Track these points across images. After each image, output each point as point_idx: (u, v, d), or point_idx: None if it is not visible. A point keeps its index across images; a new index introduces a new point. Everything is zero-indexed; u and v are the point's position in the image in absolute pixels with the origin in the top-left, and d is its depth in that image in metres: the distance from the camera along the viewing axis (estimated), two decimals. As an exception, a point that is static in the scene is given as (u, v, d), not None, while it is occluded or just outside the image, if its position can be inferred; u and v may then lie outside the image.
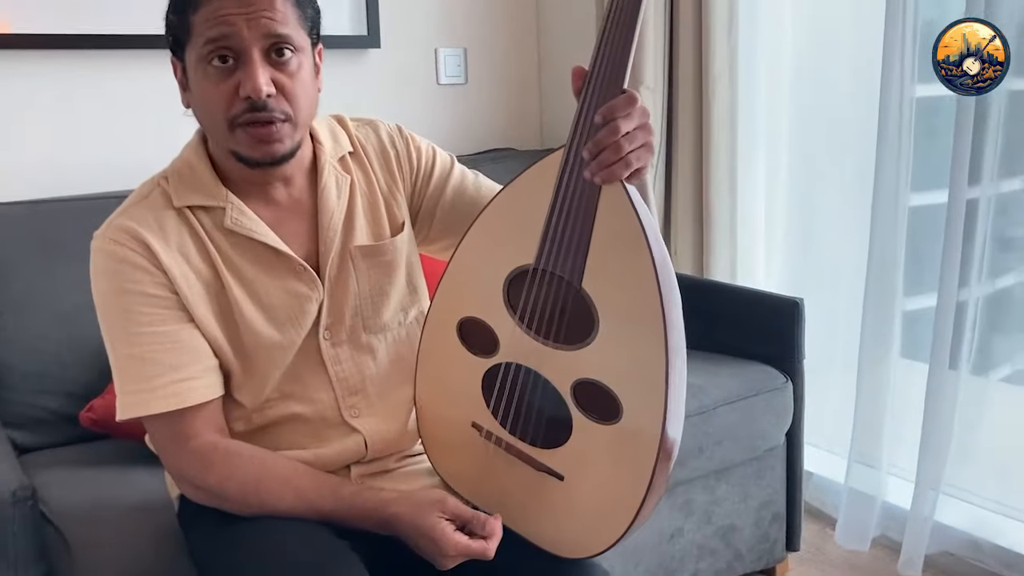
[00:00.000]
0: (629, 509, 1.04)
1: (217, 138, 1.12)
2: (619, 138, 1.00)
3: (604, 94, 1.01)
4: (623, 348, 1.02)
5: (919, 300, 2.02)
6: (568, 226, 1.03)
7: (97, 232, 1.13)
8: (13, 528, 1.16)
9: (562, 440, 1.08)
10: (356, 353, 1.21)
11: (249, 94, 1.06)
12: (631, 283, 1.00)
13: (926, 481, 1.91)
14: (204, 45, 1.06)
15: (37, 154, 1.91)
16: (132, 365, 1.10)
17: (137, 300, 1.10)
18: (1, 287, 1.66)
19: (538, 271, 1.06)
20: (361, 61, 2.28)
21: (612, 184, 1.01)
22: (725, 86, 2.15)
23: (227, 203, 1.14)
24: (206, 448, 1.12)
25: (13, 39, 1.84)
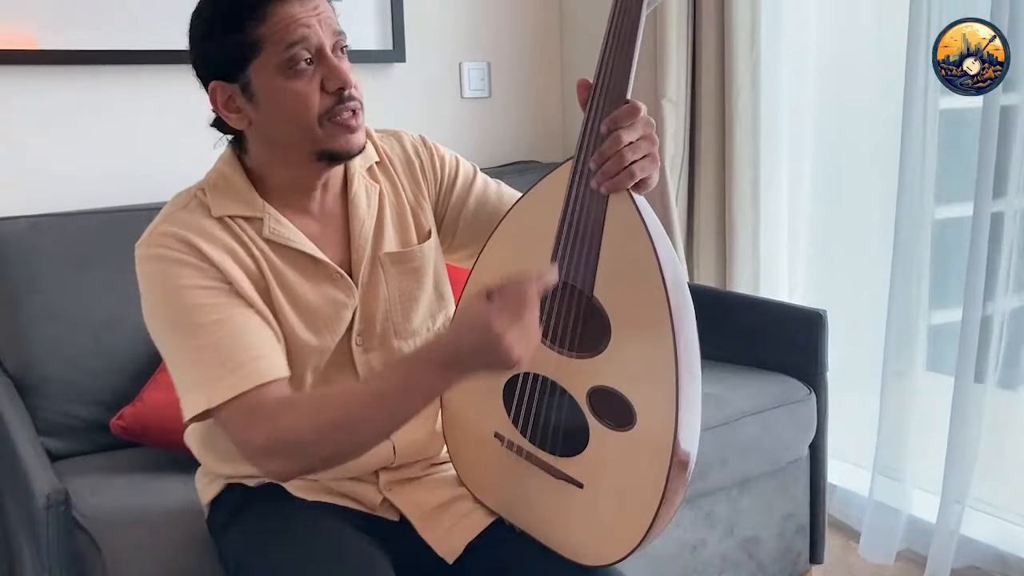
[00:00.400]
0: (646, 515, 1.05)
1: (301, 144, 1.12)
2: (623, 148, 1.02)
3: (608, 105, 1.03)
4: (634, 354, 1.03)
5: (945, 313, 2.01)
6: (578, 236, 1.05)
7: (139, 241, 1.14)
8: (47, 532, 1.18)
9: (580, 448, 1.09)
10: (387, 359, 1.23)
11: (341, 85, 1.09)
12: (640, 291, 1.02)
13: (952, 494, 1.89)
14: (285, 51, 1.07)
15: (64, 167, 1.95)
16: (204, 356, 1.07)
17: (194, 294, 1.09)
18: (34, 298, 1.69)
19: None
20: (386, 75, 2.31)
21: (619, 194, 1.03)
22: (747, 99, 2.15)
23: (264, 213, 1.16)
24: (267, 407, 1.06)
25: (40, 55, 1.88)
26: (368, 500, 1.23)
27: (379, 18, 2.26)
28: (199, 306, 1.09)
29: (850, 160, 2.22)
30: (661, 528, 1.07)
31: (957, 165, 1.95)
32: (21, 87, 1.88)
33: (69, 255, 1.73)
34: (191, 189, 1.19)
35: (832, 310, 1.90)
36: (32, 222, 1.74)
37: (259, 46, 1.07)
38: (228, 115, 1.13)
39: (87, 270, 1.74)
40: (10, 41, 1.85)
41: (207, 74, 1.12)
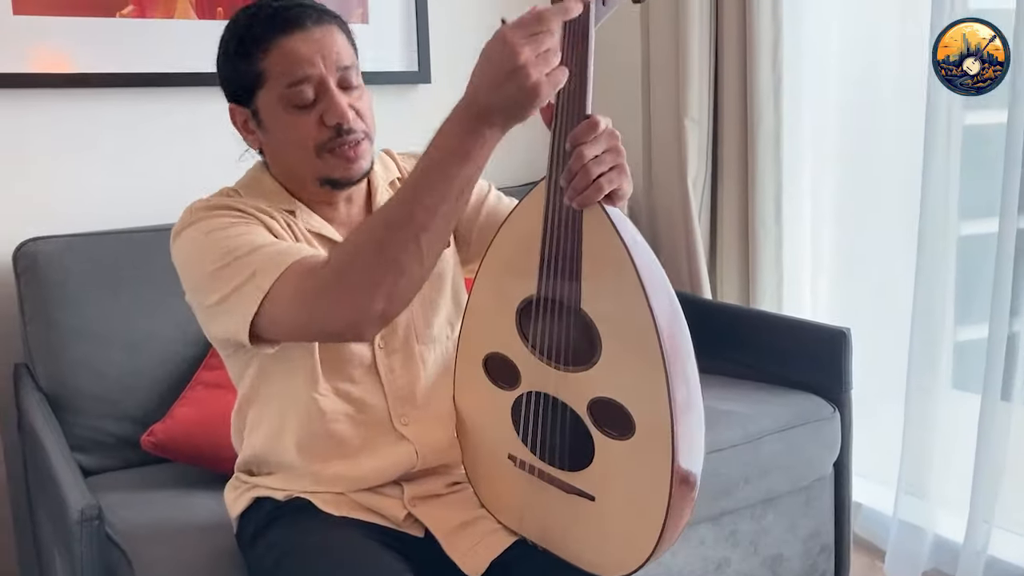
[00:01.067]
0: (655, 524, 1.06)
1: (303, 169, 1.18)
2: (587, 163, 1.03)
3: (571, 123, 1.05)
4: (625, 362, 1.06)
5: (970, 330, 2.00)
6: (559, 252, 1.07)
7: (176, 227, 1.18)
8: (81, 547, 1.20)
9: (588, 461, 1.11)
10: (408, 362, 1.26)
11: (338, 121, 1.13)
12: (621, 298, 1.04)
13: (979, 513, 1.88)
14: (287, 87, 1.12)
15: (97, 188, 1.99)
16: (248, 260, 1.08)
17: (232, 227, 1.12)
18: (67, 316, 1.73)
19: (541, 299, 1.10)
20: (411, 96, 2.34)
21: (592, 208, 1.05)
22: (770, 117, 2.16)
23: (296, 207, 1.21)
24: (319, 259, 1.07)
25: (78, 78, 1.93)
26: (393, 515, 1.24)
27: (404, 40, 2.29)
28: (239, 234, 1.12)
29: (873, 177, 2.22)
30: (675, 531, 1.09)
31: (981, 181, 1.94)
32: (54, 110, 1.93)
33: (102, 274, 1.77)
34: (223, 189, 1.25)
35: (856, 327, 1.90)
36: (66, 242, 1.78)
37: (263, 78, 1.13)
38: (245, 135, 1.21)
39: (119, 289, 1.77)
40: (44, 65, 1.90)
41: (226, 95, 1.20)
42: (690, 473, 1.07)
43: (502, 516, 1.24)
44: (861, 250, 2.27)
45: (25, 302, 1.75)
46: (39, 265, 1.74)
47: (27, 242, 1.77)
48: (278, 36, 1.12)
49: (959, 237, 1.92)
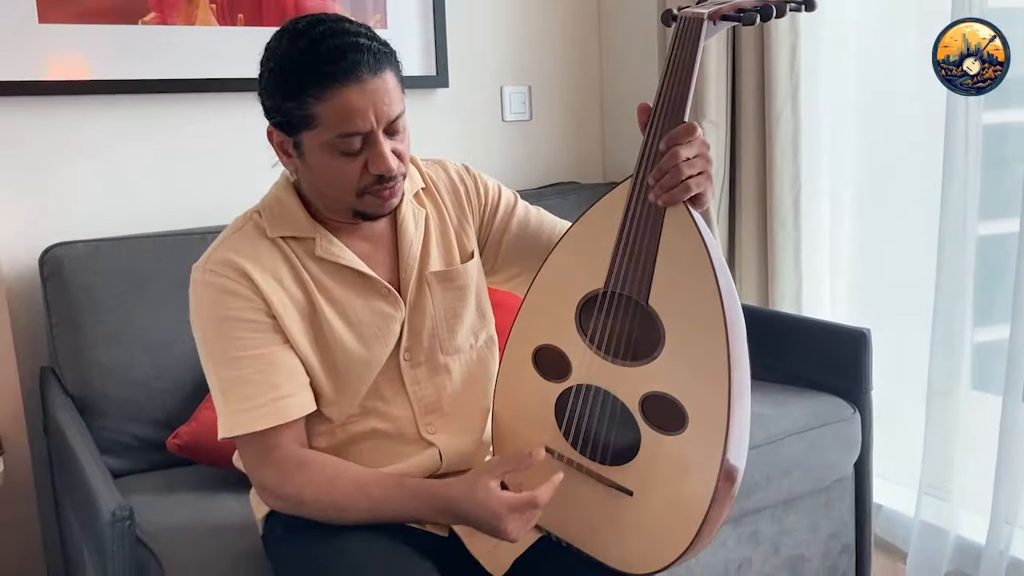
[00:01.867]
0: (695, 520, 1.08)
1: (339, 201, 1.19)
2: (680, 163, 1.09)
3: (667, 125, 1.10)
4: (687, 358, 1.08)
5: (991, 331, 1.99)
6: (635, 247, 1.12)
7: (196, 264, 1.20)
8: (112, 547, 1.22)
9: (631, 456, 1.13)
10: (433, 373, 1.28)
11: (382, 172, 1.14)
12: (695, 296, 1.07)
13: (1001, 515, 1.87)
14: (336, 137, 1.11)
15: (125, 193, 2.01)
16: (234, 387, 1.17)
17: (236, 326, 1.16)
18: (93, 319, 1.75)
19: (607, 294, 1.14)
20: (430, 100, 2.35)
21: (676, 207, 1.10)
22: (788, 118, 2.16)
23: (316, 234, 1.21)
24: (285, 459, 1.18)
25: (92, 85, 1.95)
26: (417, 516, 1.26)
27: (423, 45, 2.31)
28: (238, 339, 1.16)
29: (892, 178, 2.22)
30: (711, 532, 1.10)
31: (1001, 180, 1.94)
32: (78, 117, 1.95)
33: (127, 278, 1.79)
34: (248, 212, 1.25)
35: (875, 328, 1.90)
36: (91, 246, 1.80)
37: (313, 122, 1.11)
38: (281, 155, 1.20)
39: (144, 293, 1.79)
40: (69, 72, 1.92)
41: (266, 116, 1.18)
42: (735, 468, 1.09)
43: None
44: (880, 251, 2.27)
45: (51, 306, 1.77)
46: (65, 270, 1.76)
47: (53, 247, 1.79)
48: (334, 86, 1.08)
49: (978, 237, 1.91)
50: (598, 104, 2.65)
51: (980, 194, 1.89)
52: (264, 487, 1.20)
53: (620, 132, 2.60)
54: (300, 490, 1.17)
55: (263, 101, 1.16)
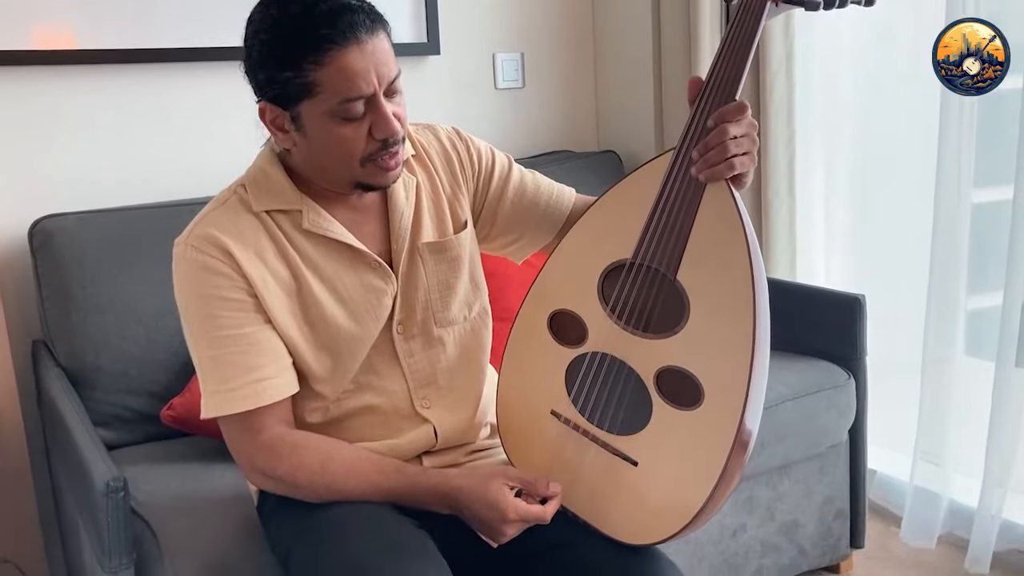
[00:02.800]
0: (700, 496, 1.07)
1: (340, 174, 1.16)
2: (727, 140, 1.08)
3: (717, 102, 1.09)
4: (711, 337, 1.07)
5: (985, 298, 2.00)
6: (670, 220, 1.11)
7: (178, 239, 1.18)
8: (107, 519, 1.22)
9: (640, 426, 1.13)
10: (427, 346, 1.26)
11: (388, 135, 1.12)
12: (727, 276, 1.06)
13: (993, 478, 1.89)
14: (340, 103, 1.08)
15: (115, 164, 1.99)
16: (214, 367, 1.16)
17: (217, 304, 1.15)
18: (84, 292, 1.74)
19: (635, 265, 1.14)
20: (421, 68, 2.33)
21: (717, 184, 1.09)
22: (782, 83, 2.15)
23: (303, 206, 1.19)
24: (275, 440, 1.17)
25: (80, 55, 1.91)
26: (412, 486, 1.25)
27: (414, 12, 2.28)
28: (221, 318, 1.15)
29: (887, 144, 2.21)
30: (714, 509, 1.10)
31: (997, 147, 1.93)
32: (66, 87, 1.93)
33: (117, 250, 1.78)
34: (232, 184, 1.22)
35: (870, 295, 1.90)
36: (80, 218, 1.78)
37: (314, 90, 1.08)
38: (275, 132, 1.15)
39: (135, 264, 1.78)
40: (51, 41, 1.89)
41: (258, 93, 1.13)
42: (751, 434, 1.08)
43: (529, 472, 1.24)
44: (875, 218, 2.27)
45: (42, 279, 1.76)
46: (55, 242, 1.75)
47: (42, 219, 1.77)
48: (332, 49, 1.05)
49: (973, 204, 1.91)
50: (592, 71, 2.62)
51: (975, 161, 1.88)
52: (254, 468, 1.18)
53: (614, 101, 2.58)
54: (293, 472, 1.16)
55: (254, 77, 1.12)
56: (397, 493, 1.16)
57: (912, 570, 2.01)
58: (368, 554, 1.06)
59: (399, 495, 1.16)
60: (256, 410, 1.16)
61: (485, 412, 1.34)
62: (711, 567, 1.78)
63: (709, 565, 1.78)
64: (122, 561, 1.24)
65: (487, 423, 1.35)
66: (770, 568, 1.87)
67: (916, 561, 2.04)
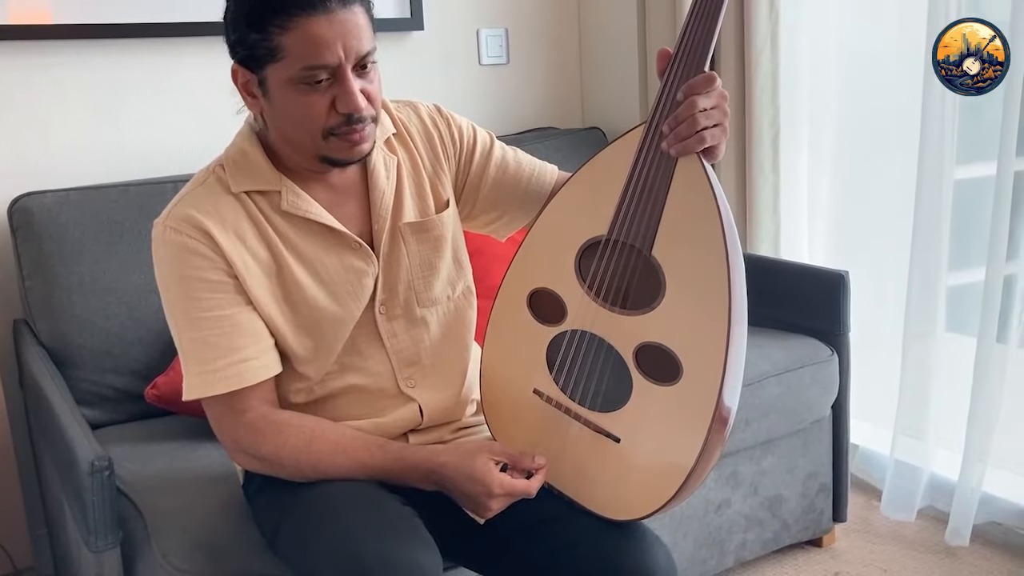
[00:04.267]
0: (681, 471, 1.08)
1: (305, 145, 1.15)
2: (696, 112, 1.06)
3: (686, 74, 1.07)
4: (687, 312, 1.07)
5: (966, 274, 2.01)
6: (643, 196, 1.10)
7: (157, 220, 1.17)
8: (92, 497, 1.21)
9: (621, 403, 1.13)
10: (411, 326, 1.26)
11: (350, 111, 1.10)
12: (700, 250, 1.06)
13: (974, 452, 1.91)
14: (301, 70, 1.07)
15: (96, 141, 1.97)
16: (195, 348, 1.15)
17: (198, 286, 1.14)
18: (66, 270, 1.73)
19: (610, 241, 1.13)
20: (404, 43, 2.31)
21: (689, 158, 1.08)
22: (767, 60, 2.14)
23: (282, 187, 1.18)
24: (258, 420, 1.17)
25: (59, 29, 1.89)
26: (399, 464, 1.25)
27: (397, -14, 2.26)
28: (201, 299, 1.14)
29: (871, 121, 2.21)
30: (696, 484, 1.10)
31: (979, 124, 1.93)
32: (46, 62, 1.90)
33: (98, 228, 1.76)
34: (211, 164, 1.21)
35: (853, 271, 1.91)
36: (61, 196, 1.77)
37: (278, 54, 1.08)
38: (245, 96, 1.16)
39: (117, 243, 1.77)
40: (34, 16, 1.86)
41: (231, 55, 1.14)
42: (729, 411, 1.08)
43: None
44: (858, 194, 2.28)
45: (22, 258, 1.74)
46: (35, 220, 1.73)
47: (21, 197, 1.75)
48: (300, 15, 1.05)
49: (955, 181, 1.92)
50: (576, 47, 2.61)
51: (957, 138, 1.89)
52: (239, 448, 1.18)
53: (599, 77, 2.57)
54: (278, 452, 1.16)
55: (227, 37, 1.13)
56: (382, 470, 1.16)
57: (893, 543, 2.04)
58: (355, 532, 1.06)
59: (384, 472, 1.16)
60: (239, 391, 1.15)
61: (471, 389, 1.34)
62: (695, 541, 1.80)
63: (693, 540, 1.80)
64: (108, 540, 1.24)
65: (473, 400, 1.35)
66: (753, 542, 1.89)
67: (897, 534, 2.07)
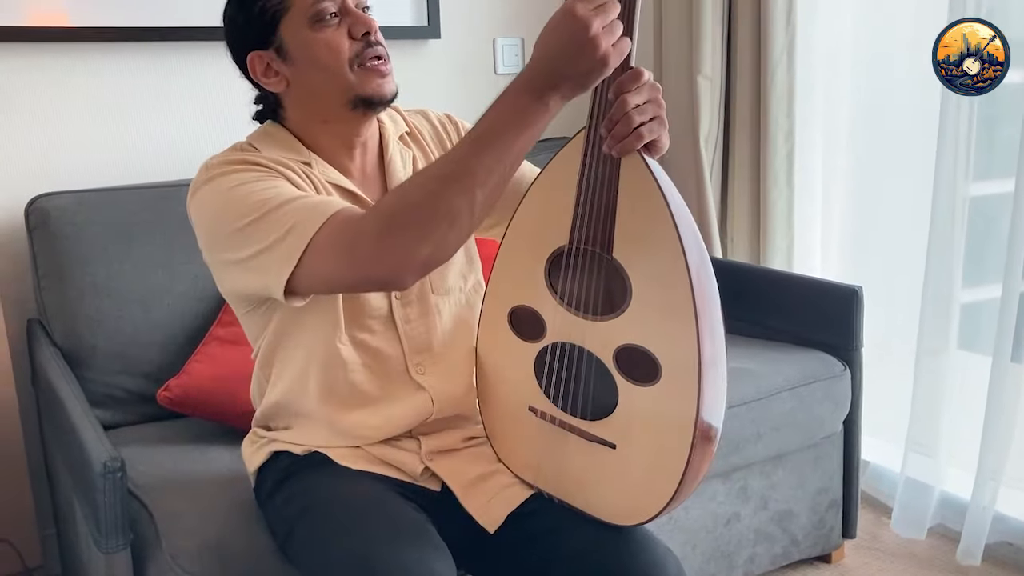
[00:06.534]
0: (677, 466, 1.08)
1: (335, 89, 1.18)
2: (629, 111, 1.06)
3: (614, 73, 1.05)
4: (654, 307, 1.08)
5: (980, 291, 2.00)
6: (594, 201, 1.10)
7: (204, 164, 1.19)
8: (104, 499, 1.21)
9: (611, 409, 1.14)
10: (424, 313, 1.27)
11: (366, 29, 1.17)
12: (656, 245, 1.06)
13: (987, 471, 1.90)
14: (312, 5, 1.15)
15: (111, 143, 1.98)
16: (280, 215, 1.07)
17: (256, 182, 1.13)
18: (80, 271, 1.73)
19: (572, 250, 1.13)
20: (422, 51, 2.32)
21: (631, 157, 1.08)
22: (783, 74, 2.14)
23: (311, 159, 1.22)
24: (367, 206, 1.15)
25: (77, 32, 1.90)
26: (410, 468, 1.25)
27: (415, -5, 2.27)
28: (263, 188, 1.12)
29: (886, 136, 2.21)
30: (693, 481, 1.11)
31: (995, 141, 1.93)
32: (63, 65, 1.91)
33: (114, 230, 1.77)
34: (238, 144, 1.24)
35: (866, 286, 1.90)
36: (77, 197, 1.78)
37: (287, 4, 1.15)
38: (267, 81, 1.20)
39: (131, 245, 1.77)
40: (55, 19, 1.88)
41: (243, 46, 1.19)
42: (711, 427, 1.08)
43: (518, 469, 1.25)
44: (873, 209, 2.27)
45: (38, 258, 1.75)
46: (51, 221, 1.74)
47: (38, 198, 1.76)
48: None
49: (971, 197, 1.91)
50: (592, 58, 2.61)
51: (974, 154, 1.88)
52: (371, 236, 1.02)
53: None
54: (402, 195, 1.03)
55: (234, 29, 1.19)
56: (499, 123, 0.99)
57: (903, 561, 2.02)
58: (369, 538, 1.07)
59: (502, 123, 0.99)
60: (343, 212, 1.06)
61: None
62: (704, 555, 1.79)
63: (702, 553, 1.79)
64: (119, 542, 1.24)
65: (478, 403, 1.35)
66: (762, 557, 1.88)
67: (907, 552, 2.05)
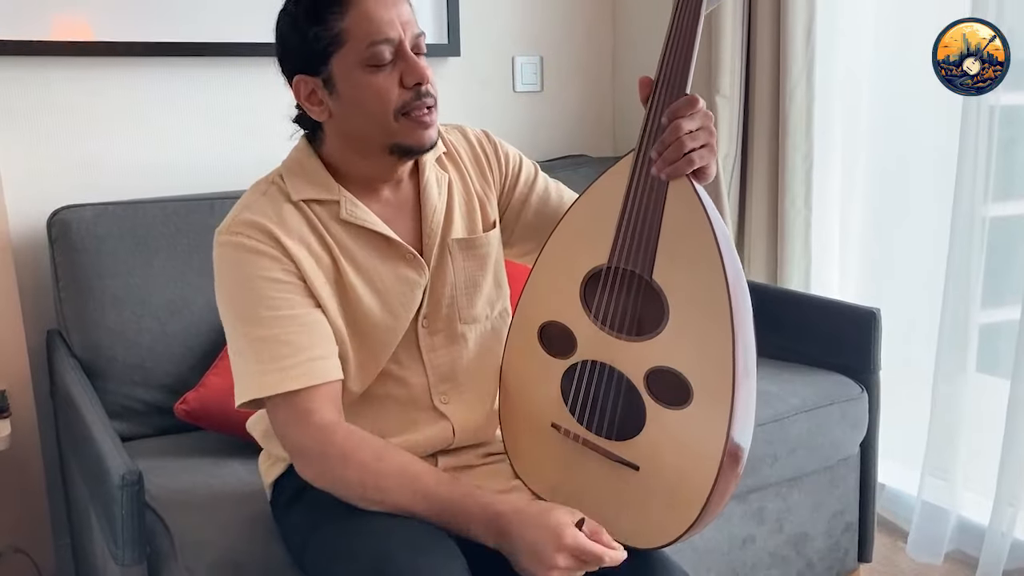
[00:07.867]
0: (701, 492, 1.07)
1: (376, 133, 1.16)
2: (682, 136, 1.08)
3: (669, 98, 1.09)
4: (691, 332, 1.08)
5: (998, 313, 1.99)
6: (639, 222, 1.11)
7: (220, 228, 1.18)
8: (121, 511, 1.22)
9: (637, 430, 1.13)
10: (450, 342, 1.27)
11: (419, 80, 1.13)
12: (699, 270, 1.07)
13: (1005, 497, 1.88)
14: (368, 47, 1.11)
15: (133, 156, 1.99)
16: (265, 347, 1.12)
17: (267, 285, 1.14)
18: (101, 283, 1.74)
19: (611, 269, 1.14)
20: (441, 68, 2.33)
21: (679, 181, 1.09)
22: (802, 94, 2.14)
23: (340, 197, 1.20)
24: (329, 423, 1.13)
25: (99, 47, 1.92)
26: (428, 486, 1.25)
27: (435, 13, 2.28)
28: (270, 298, 1.14)
29: (904, 157, 2.20)
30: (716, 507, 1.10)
31: (1015, 162, 1.92)
32: (84, 79, 1.93)
33: (134, 242, 1.78)
34: (269, 176, 1.23)
35: (884, 308, 1.89)
36: (98, 210, 1.79)
37: (342, 39, 1.11)
38: (310, 108, 1.18)
39: (152, 258, 1.78)
40: (79, 33, 1.90)
41: (292, 68, 1.17)
42: (740, 448, 1.08)
43: (536, 487, 1.25)
44: (891, 231, 2.26)
45: (58, 269, 1.76)
46: (72, 232, 1.75)
47: (60, 210, 1.78)
48: None
49: (990, 219, 1.90)
50: (610, 76, 2.62)
51: (993, 175, 1.88)
52: (303, 451, 1.13)
53: (632, 105, 2.58)
54: (345, 461, 1.11)
55: (285, 49, 1.16)
56: (447, 502, 1.09)
57: (919, 586, 2.01)
58: (385, 549, 1.06)
59: (448, 505, 1.09)
60: (309, 390, 1.12)
61: None
62: (719, 577, 1.78)
63: (717, 574, 1.78)
64: (136, 555, 1.24)
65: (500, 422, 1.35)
66: (777, 579, 1.87)
67: (923, 577, 2.04)
